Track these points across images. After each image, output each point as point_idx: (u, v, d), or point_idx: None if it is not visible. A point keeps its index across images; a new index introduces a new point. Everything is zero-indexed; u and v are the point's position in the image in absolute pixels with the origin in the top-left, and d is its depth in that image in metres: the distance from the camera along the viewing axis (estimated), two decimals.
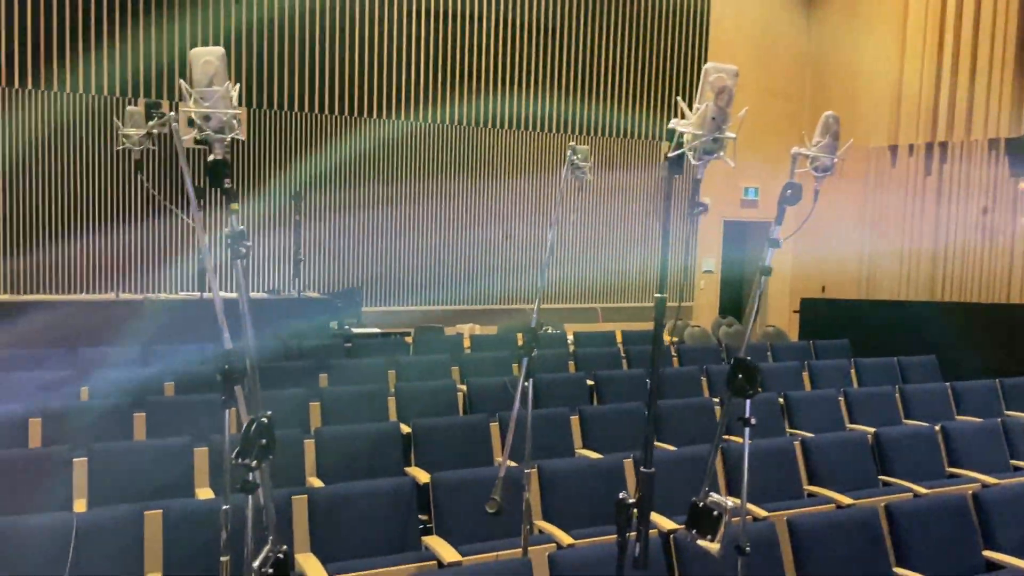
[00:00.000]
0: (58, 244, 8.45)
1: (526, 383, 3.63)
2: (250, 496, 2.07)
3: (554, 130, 10.81)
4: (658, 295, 2.06)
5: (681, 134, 1.93)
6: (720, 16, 11.76)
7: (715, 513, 2.74)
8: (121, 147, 4.52)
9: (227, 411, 3.08)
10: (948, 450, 5.32)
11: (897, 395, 6.52)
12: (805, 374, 7.39)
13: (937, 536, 3.84)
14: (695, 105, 1.89)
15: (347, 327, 8.58)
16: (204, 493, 4.31)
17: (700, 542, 2.73)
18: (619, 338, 8.64)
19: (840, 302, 11.39)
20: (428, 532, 4.05)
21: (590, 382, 6.57)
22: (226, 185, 1.85)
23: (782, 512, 4.06)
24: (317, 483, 4.45)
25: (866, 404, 6.33)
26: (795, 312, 11.74)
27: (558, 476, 4.25)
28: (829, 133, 2.48)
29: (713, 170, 11.92)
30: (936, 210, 10.69)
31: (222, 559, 3.07)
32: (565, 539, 3.85)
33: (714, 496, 2.79)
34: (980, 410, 6.61)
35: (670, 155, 1.97)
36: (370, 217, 9.79)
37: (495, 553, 3.64)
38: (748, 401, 2.70)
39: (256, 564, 2.10)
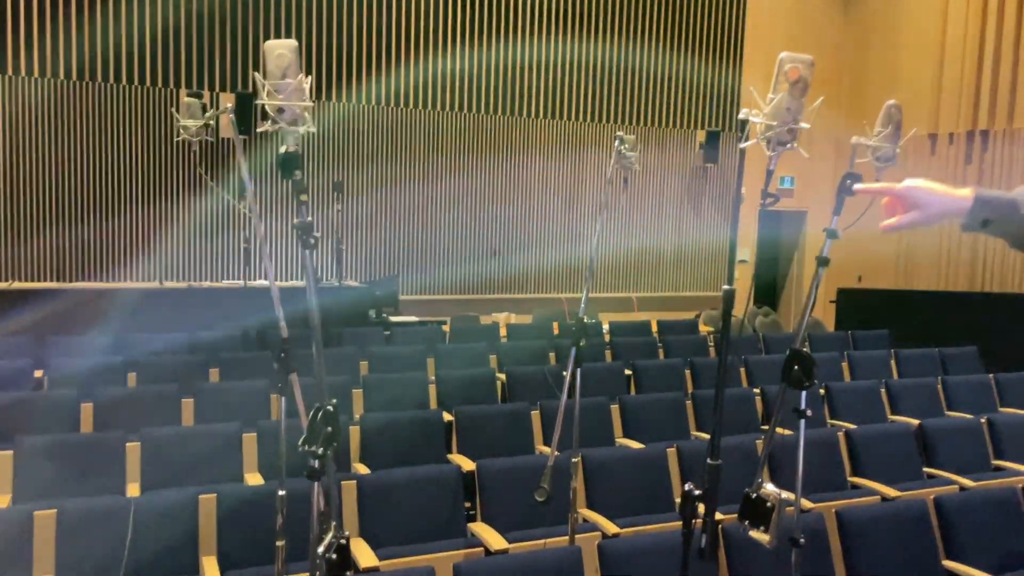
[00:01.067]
0: (84, 227, 8.60)
1: (573, 372, 3.63)
2: (316, 483, 2.11)
3: (588, 119, 10.78)
4: (727, 287, 2.06)
5: (746, 123, 1.92)
6: (756, 2, 11.64)
7: (768, 504, 2.74)
8: (180, 138, 4.58)
9: (282, 398, 3.14)
10: (994, 443, 5.27)
11: (939, 386, 6.45)
12: (845, 364, 7.34)
13: (987, 529, 3.81)
14: (768, 95, 1.88)
15: (385, 315, 8.64)
16: (253, 478, 4.37)
17: (753, 533, 2.73)
18: (654, 327, 8.63)
19: (877, 292, 11.27)
20: (471, 519, 4.09)
21: (628, 371, 6.57)
22: (296, 176, 1.88)
23: (829, 503, 4.05)
24: (363, 469, 4.50)
25: (908, 395, 6.27)
26: (831, 302, 11.64)
27: (602, 465, 4.27)
28: (892, 123, 2.45)
29: (748, 159, 11.86)
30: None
31: (278, 544, 3.14)
32: (611, 528, 3.87)
33: (767, 487, 2.78)
34: None
35: (742, 145, 1.96)
36: (406, 206, 9.84)
37: (543, 541, 3.67)
38: (804, 392, 2.69)
39: (320, 550, 2.14)
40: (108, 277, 8.61)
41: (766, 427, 5.77)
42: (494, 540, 3.67)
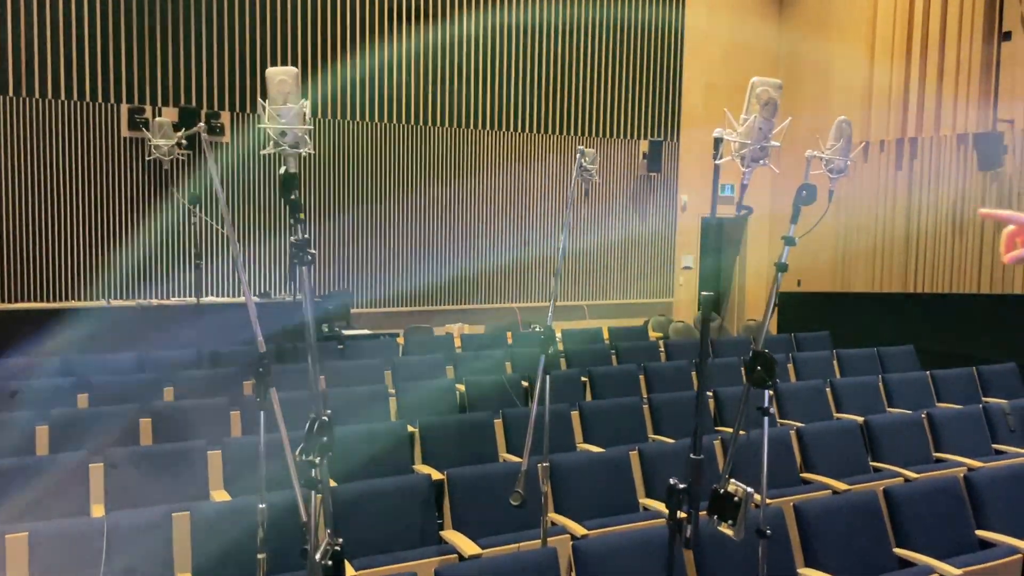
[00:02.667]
0: (37, 250, 8.42)
1: (543, 379, 3.73)
2: (313, 491, 2.17)
3: (535, 131, 10.93)
4: (704, 293, 2.18)
5: (720, 142, 2.05)
6: (694, 21, 11.95)
7: (736, 499, 2.88)
8: (151, 157, 4.54)
9: (261, 413, 3.17)
10: (934, 436, 5.53)
11: (880, 384, 6.74)
12: (790, 366, 7.59)
13: (933, 517, 4.02)
14: (741, 116, 2.02)
15: (337, 329, 8.64)
16: (220, 495, 4.37)
17: (722, 527, 2.86)
18: (606, 335, 8.80)
19: (817, 295, 11.67)
20: (440, 528, 4.16)
21: (584, 379, 6.70)
22: (292, 197, 1.95)
23: (788, 498, 4.22)
24: (331, 483, 4.53)
25: (851, 393, 6.54)
26: (775, 306, 11.97)
27: (567, 469, 4.38)
28: (843, 137, 2.62)
29: (689, 168, 12.16)
30: (908, 203, 10.98)
31: (259, 556, 3.17)
32: (579, 530, 3.98)
33: (733, 483, 2.92)
34: (959, 397, 6.86)
35: (717, 162, 2.09)
36: (355, 219, 9.84)
37: (516, 544, 3.76)
38: (767, 392, 2.84)
39: (317, 557, 2.19)
40: (50, 297, 8.42)
41: (721, 428, 5.97)
42: (467, 546, 3.74)
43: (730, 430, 5.78)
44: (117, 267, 8.66)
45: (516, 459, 5.07)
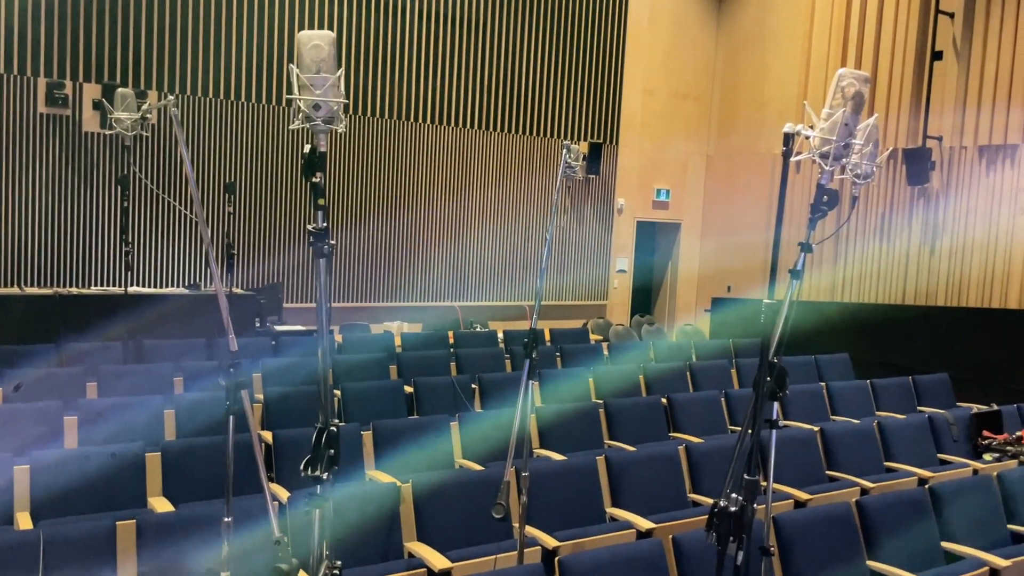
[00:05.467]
0: None
1: (527, 384, 3.55)
2: (318, 510, 1.93)
3: (474, 126, 10.72)
4: (767, 301, 2.03)
5: (792, 138, 1.90)
6: (635, 31, 11.95)
7: (737, 514, 2.75)
8: (112, 131, 4.15)
9: (230, 416, 2.89)
10: (884, 445, 5.58)
11: (825, 392, 6.80)
12: (733, 371, 7.61)
13: (900, 530, 4.01)
14: (824, 110, 1.88)
15: (269, 324, 8.26)
16: (159, 503, 4.02)
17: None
18: (547, 336, 8.67)
19: (747, 301, 11.82)
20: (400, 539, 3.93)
21: (534, 382, 6.53)
22: (315, 179, 1.71)
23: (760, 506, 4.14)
24: (278, 489, 4.23)
25: (798, 401, 6.57)
26: (706, 311, 12.11)
27: (536, 478, 4.20)
28: (871, 142, 2.53)
29: (627, 172, 12.16)
30: (837, 215, 11.22)
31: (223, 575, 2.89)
32: (551, 542, 3.81)
33: (736, 498, 2.80)
34: (897, 406, 6.98)
35: (794, 159, 1.95)
36: (288, 211, 9.44)
37: (491, 557, 3.56)
38: (775, 403, 2.73)
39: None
40: None
41: (676, 434, 5.89)
42: (436, 560, 3.54)
43: (689, 437, 5.71)
44: (32, 252, 8.06)
45: (474, 466, 4.87)
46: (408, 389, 6.09)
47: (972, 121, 10.04)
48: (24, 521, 3.70)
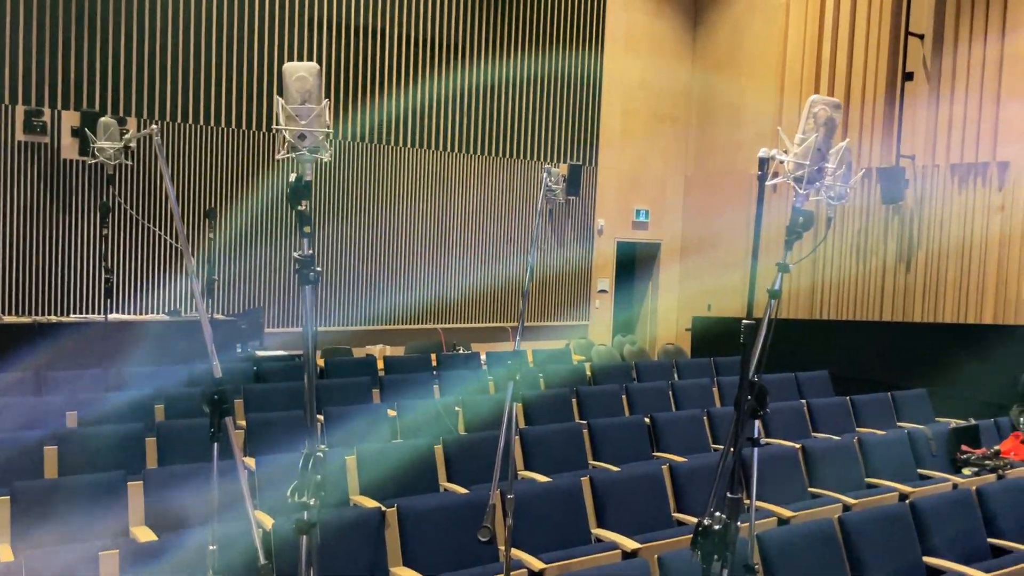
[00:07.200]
0: None
1: (511, 407, 3.57)
2: (304, 536, 1.93)
3: (456, 150, 10.78)
4: (746, 321, 2.07)
5: (767, 162, 1.95)
6: (613, 43, 12.10)
7: (721, 531, 2.78)
8: (94, 161, 4.14)
9: (215, 444, 2.89)
10: (865, 461, 5.63)
11: (805, 409, 6.86)
12: (715, 390, 7.66)
13: (884, 545, 4.05)
14: (797, 136, 1.93)
15: (250, 349, 8.22)
16: (142, 533, 3.99)
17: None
18: (530, 357, 8.69)
19: (726, 320, 11.89)
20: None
21: (520, 405, 6.55)
22: (301, 207, 1.74)
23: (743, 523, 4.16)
24: (265, 519, 4.21)
25: (779, 418, 6.62)
26: (687, 330, 12.18)
27: (521, 500, 4.21)
28: (844, 164, 2.58)
29: (606, 193, 12.25)
30: (814, 234, 11.34)
31: None
32: (537, 564, 3.81)
33: (719, 516, 2.82)
34: (877, 422, 7.05)
35: (769, 182, 1.99)
36: (268, 236, 9.42)
37: None
38: (757, 421, 2.77)
39: None
40: None
41: (660, 454, 5.92)
42: None
43: (672, 456, 5.74)
44: (10, 280, 8.00)
45: (459, 489, 4.87)
46: (391, 412, 6.09)
47: (944, 140, 10.22)
48: (5, 553, 3.66)
